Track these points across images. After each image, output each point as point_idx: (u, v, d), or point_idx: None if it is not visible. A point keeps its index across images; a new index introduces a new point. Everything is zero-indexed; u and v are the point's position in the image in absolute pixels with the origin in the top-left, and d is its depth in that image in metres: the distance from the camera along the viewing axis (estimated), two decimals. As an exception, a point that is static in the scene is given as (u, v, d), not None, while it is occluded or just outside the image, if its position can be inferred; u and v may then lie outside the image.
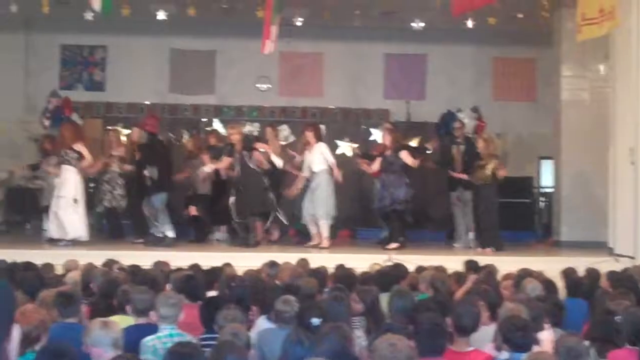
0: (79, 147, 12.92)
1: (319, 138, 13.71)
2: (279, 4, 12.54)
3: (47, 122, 16.07)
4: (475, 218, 13.58)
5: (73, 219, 12.67)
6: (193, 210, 13.99)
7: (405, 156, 13.44)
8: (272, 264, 8.57)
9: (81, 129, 14.08)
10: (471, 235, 14.00)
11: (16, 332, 1.51)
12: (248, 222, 13.27)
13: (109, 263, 8.96)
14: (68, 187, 12.74)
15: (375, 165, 13.77)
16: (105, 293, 6.82)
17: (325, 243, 13.19)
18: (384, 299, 6.70)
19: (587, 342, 5.52)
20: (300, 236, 14.18)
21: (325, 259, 10.30)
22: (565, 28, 14.84)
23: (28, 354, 4.80)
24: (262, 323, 6.33)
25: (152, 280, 7.20)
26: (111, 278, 7.32)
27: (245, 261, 10.11)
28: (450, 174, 14.06)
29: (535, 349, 5.33)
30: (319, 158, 13.43)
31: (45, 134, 15.43)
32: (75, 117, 16.71)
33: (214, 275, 8.21)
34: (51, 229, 12.81)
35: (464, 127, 14.87)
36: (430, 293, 7.45)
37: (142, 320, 6.04)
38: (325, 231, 13.28)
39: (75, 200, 12.67)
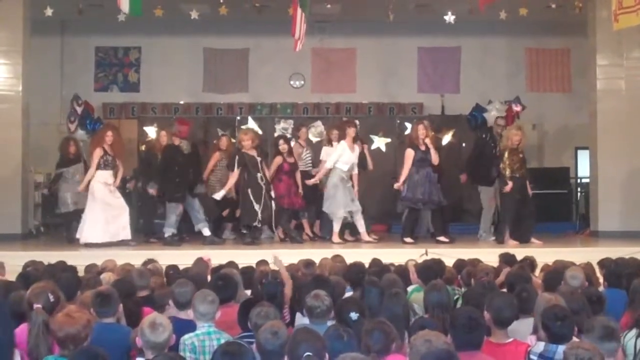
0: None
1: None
2: (305, 1, 12.63)
3: (72, 126, 16.14)
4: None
5: None
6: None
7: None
8: (308, 264, 8.49)
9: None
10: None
11: (17, 358, 1.52)
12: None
13: (148, 262, 9.01)
14: None
15: None
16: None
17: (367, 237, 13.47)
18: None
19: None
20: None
21: (360, 254, 10.25)
22: (600, 17, 14.69)
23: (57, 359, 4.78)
24: (298, 319, 6.33)
25: (193, 277, 7.22)
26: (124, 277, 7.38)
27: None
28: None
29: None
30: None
31: None
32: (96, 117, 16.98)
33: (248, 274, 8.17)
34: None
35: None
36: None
37: (181, 315, 6.09)
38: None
39: None
